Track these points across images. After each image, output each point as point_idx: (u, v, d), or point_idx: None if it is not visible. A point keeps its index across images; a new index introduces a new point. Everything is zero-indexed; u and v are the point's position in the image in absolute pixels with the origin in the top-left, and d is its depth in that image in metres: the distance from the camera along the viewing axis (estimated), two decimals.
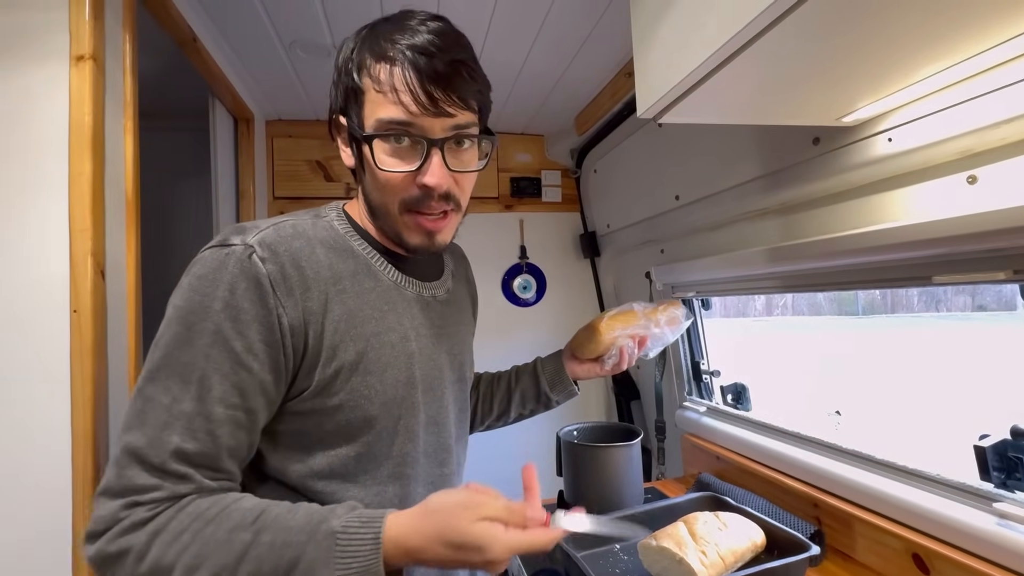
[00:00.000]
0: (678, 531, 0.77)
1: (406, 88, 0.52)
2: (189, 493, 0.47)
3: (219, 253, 0.50)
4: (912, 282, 0.76)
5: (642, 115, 0.70)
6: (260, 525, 0.46)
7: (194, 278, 0.49)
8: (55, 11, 0.68)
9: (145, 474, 0.46)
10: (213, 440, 0.48)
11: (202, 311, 0.48)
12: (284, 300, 0.50)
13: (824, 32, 0.49)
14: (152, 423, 0.46)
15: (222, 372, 0.48)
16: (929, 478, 0.76)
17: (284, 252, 0.52)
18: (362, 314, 0.56)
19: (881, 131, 0.73)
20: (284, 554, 0.44)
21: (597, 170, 1.70)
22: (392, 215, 0.57)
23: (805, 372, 6.20)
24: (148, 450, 0.46)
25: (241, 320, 0.48)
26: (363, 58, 0.54)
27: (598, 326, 0.83)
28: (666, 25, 0.62)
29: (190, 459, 0.47)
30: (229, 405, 0.48)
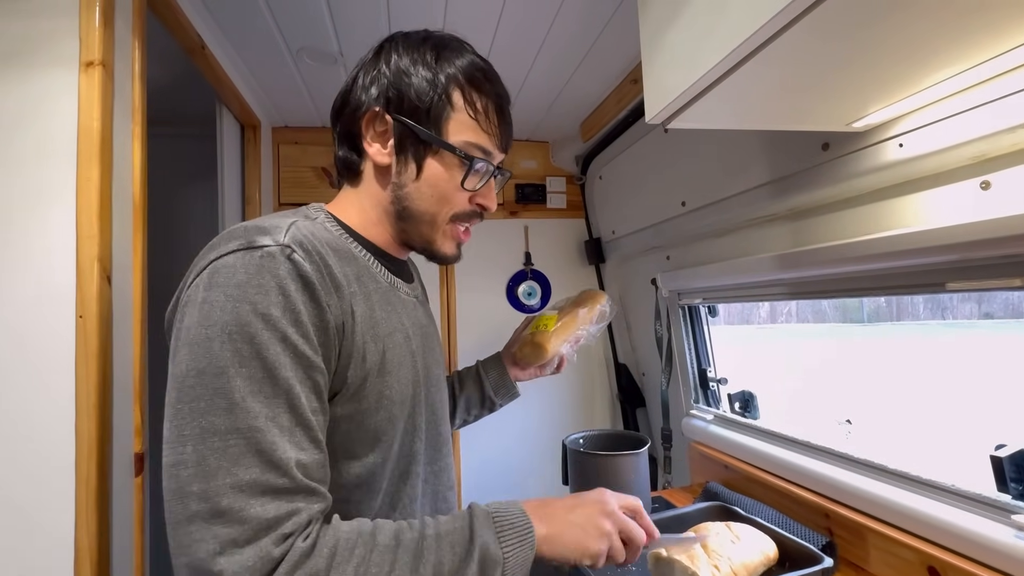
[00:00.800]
0: (689, 543, 0.76)
1: (494, 123, 0.61)
2: (323, 510, 0.45)
3: (250, 256, 0.46)
4: (925, 289, 0.75)
5: (650, 120, 0.69)
6: (417, 526, 0.48)
7: (232, 288, 0.44)
8: (65, 17, 0.69)
9: (274, 504, 0.41)
10: (319, 448, 0.46)
11: (261, 320, 0.44)
12: (329, 299, 0.49)
13: (836, 36, 0.49)
14: (255, 450, 0.41)
15: (299, 379, 0.45)
16: (945, 489, 0.74)
17: (314, 252, 0.50)
18: (374, 315, 0.56)
19: (892, 136, 0.73)
20: (454, 540, 0.47)
21: (602, 176, 1.70)
22: (437, 224, 0.61)
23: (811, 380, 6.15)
24: (266, 476, 0.41)
25: (302, 323, 0.46)
26: (454, 77, 0.59)
27: (545, 345, 0.87)
28: (675, 30, 0.61)
29: (310, 473, 0.44)
30: (315, 410, 0.47)
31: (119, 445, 0.71)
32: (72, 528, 0.65)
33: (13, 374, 0.66)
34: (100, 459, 0.67)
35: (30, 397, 0.66)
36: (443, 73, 0.58)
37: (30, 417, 0.65)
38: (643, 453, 1.02)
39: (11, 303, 0.66)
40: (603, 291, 0.99)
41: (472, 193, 0.61)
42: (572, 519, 0.53)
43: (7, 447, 0.65)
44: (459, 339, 1.76)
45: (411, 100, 0.58)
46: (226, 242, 0.48)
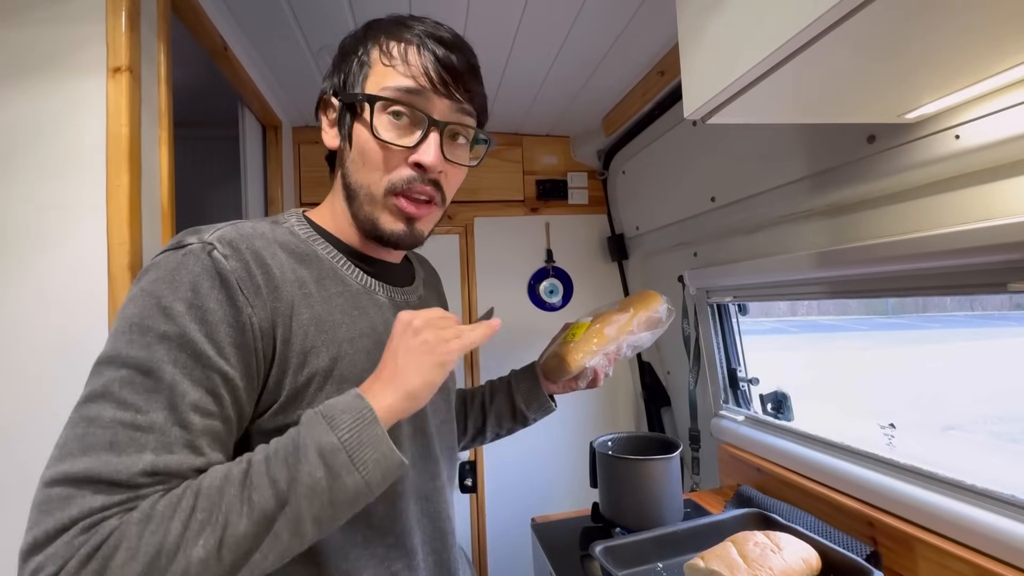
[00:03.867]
0: (728, 553, 0.73)
1: (419, 64, 0.53)
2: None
3: (175, 255, 0.45)
4: (982, 289, 0.71)
5: (689, 116, 0.66)
6: (246, 457, 0.43)
7: (148, 283, 0.43)
8: (92, 24, 0.68)
9: (103, 495, 0.37)
10: (194, 452, 0.41)
11: (162, 314, 0.42)
12: (252, 299, 0.46)
13: (896, 25, 0.46)
14: (109, 441, 0.38)
15: (193, 377, 0.42)
16: (1003, 500, 0.70)
17: (246, 250, 0.47)
18: (332, 319, 0.52)
19: (947, 128, 0.69)
20: (285, 453, 0.42)
21: (626, 171, 1.66)
22: (374, 197, 0.54)
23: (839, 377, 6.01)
24: (103, 468, 0.37)
25: (208, 321, 0.43)
26: (376, 37, 0.55)
27: (565, 358, 0.77)
28: (718, 21, 0.58)
29: (169, 475, 0.40)
30: (205, 413, 0.42)
31: None
32: None
33: (47, 382, 0.66)
34: None
35: (64, 405, 0.66)
36: (366, 38, 0.56)
37: (63, 425, 0.65)
38: (675, 457, 1.00)
39: (45, 311, 0.66)
40: (658, 294, 0.85)
41: (407, 151, 0.53)
42: (400, 363, 0.47)
43: (39, 454, 0.65)
44: None
45: (342, 75, 0.56)
46: (169, 244, 0.48)
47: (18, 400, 0.65)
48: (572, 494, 1.74)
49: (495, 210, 1.78)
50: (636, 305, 0.83)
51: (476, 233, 1.77)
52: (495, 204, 1.78)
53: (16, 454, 0.64)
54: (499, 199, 1.78)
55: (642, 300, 0.84)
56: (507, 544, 1.71)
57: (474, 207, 1.76)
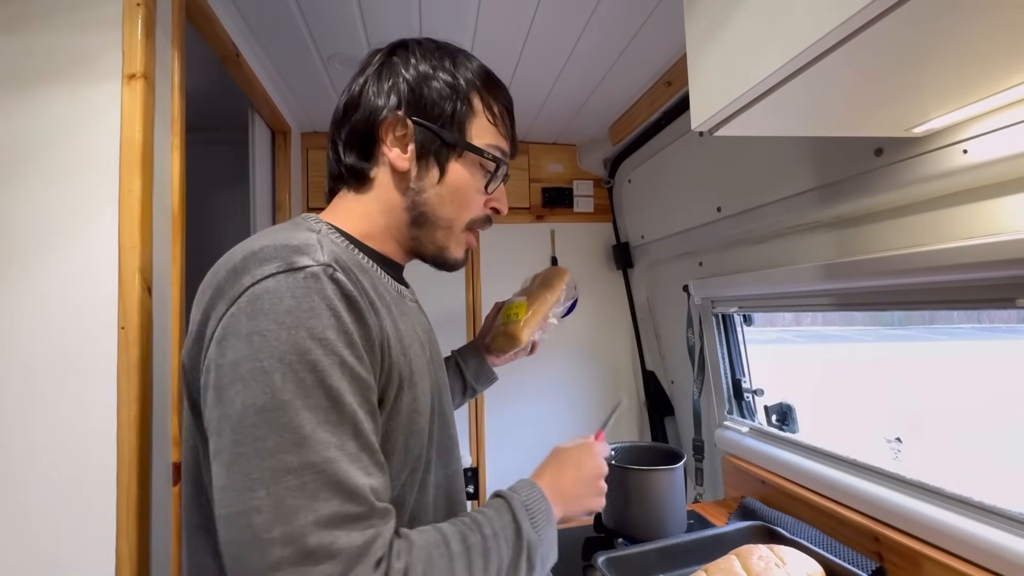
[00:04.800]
0: (733, 567, 0.73)
1: (509, 130, 0.64)
2: (393, 528, 0.44)
3: (294, 279, 0.43)
4: (990, 304, 0.71)
5: (696, 128, 0.66)
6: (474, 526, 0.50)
7: (282, 314, 0.41)
8: (109, 31, 0.69)
9: (358, 530, 0.40)
10: (383, 471, 0.45)
11: (320, 347, 0.41)
12: (369, 317, 0.47)
13: (906, 41, 0.46)
14: (332, 482, 0.39)
15: (359, 403, 0.44)
16: (1011, 517, 0.70)
17: (349, 269, 0.49)
18: (397, 327, 0.54)
19: (955, 142, 0.69)
20: (508, 535, 0.50)
21: (632, 180, 1.66)
22: (454, 229, 0.61)
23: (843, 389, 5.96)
24: (347, 507, 0.40)
25: (354, 343, 0.44)
26: (472, 83, 0.60)
27: (518, 335, 0.89)
28: (726, 34, 0.59)
29: (380, 495, 0.43)
30: (374, 432, 0.46)
31: (158, 454, 0.72)
32: (113, 537, 0.65)
33: (57, 384, 0.66)
34: (140, 468, 0.67)
35: (73, 407, 0.66)
36: (462, 78, 0.59)
37: (73, 427, 0.66)
38: (679, 468, 0.99)
39: (55, 314, 0.67)
40: (564, 267, 1.02)
41: (487, 198, 0.63)
42: (580, 493, 0.61)
43: (50, 456, 0.65)
44: None
45: (433, 104, 0.57)
46: (258, 265, 0.44)
47: (27, 403, 0.65)
48: None
49: (501, 217, 1.78)
50: (555, 280, 0.98)
51: (482, 240, 1.78)
52: None
53: (24, 456, 0.65)
54: None
55: (557, 275, 1.00)
56: None
57: None
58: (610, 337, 1.85)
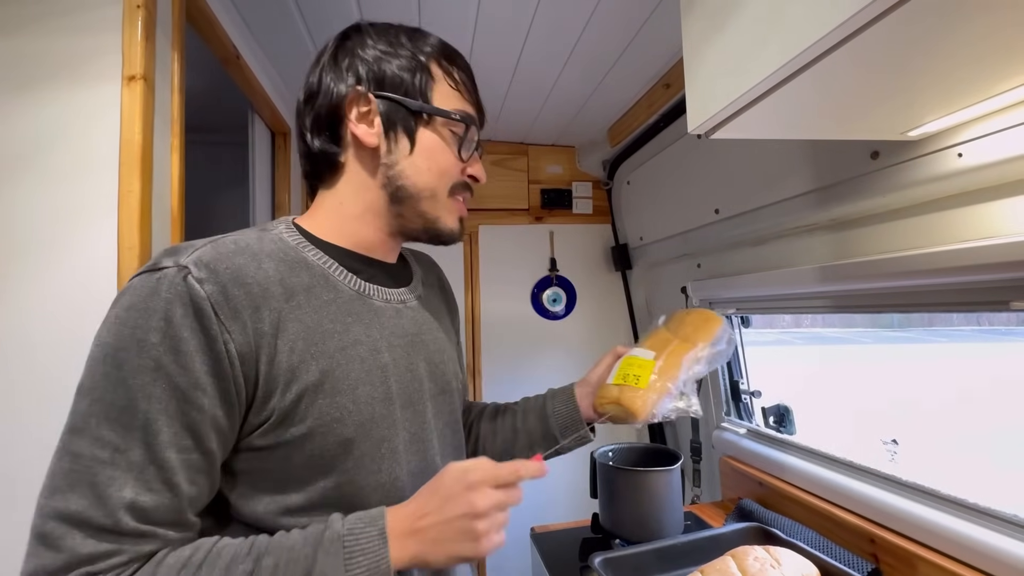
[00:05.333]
0: (728, 568, 0.73)
1: (473, 92, 0.62)
2: (154, 552, 0.42)
3: (149, 279, 0.44)
4: (984, 307, 0.71)
5: (693, 131, 0.67)
6: (257, 552, 0.43)
7: (122, 309, 0.43)
8: (109, 33, 0.70)
9: (92, 540, 0.39)
10: (172, 491, 0.42)
11: (136, 346, 0.42)
12: (229, 324, 0.45)
13: (903, 45, 0.46)
14: (90, 481, 0.40)
15: (168, 413, 0.42)
16: (1006, 519, 0.70)
17: (225, 270, 0.46)
18: (322, 329, 0.51)
19: (950, 145, 0.69)
20: (293, 572, 0.42)
21: (630, 182, 1.67)
22: (438, 197, 0.59)
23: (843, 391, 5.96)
24: (91, 512, 0.39)
25: (182, 351, 0.43)
26: (427, 52, 0.59)
27: (635, 410, 0.66)
28: (723, 38, 0.59)
29: (148, 516, 0.41)
30: (182, 448, 0.43)
31: None
32: None
33: (57, 385, 0.66)
34: None
35: None
36: (420, 50, 0.59)
37: None
38: (675, 470, 1.00)
39: (55, 315, 0.67)
40: (718, 316, 0.75)
41: (463, 164, 0.61)
42: (441, 535, 0.47)
43: (47, 459, 0.65)
44: (483, 345, 1.75)
45: (394, 76, 0.57)
46: (144, 265, 0.47)
47: (28, 403, 0.65)
48: (572, 504, 1.74)
49: (500, 218, 1.79)
50: (699, 333, 0.73)
51: (480, 241, 1.78)
52: (500, 212, 1.79)
53: (26, 458, 0.65)
54: (504, 207, 1.79)
55: (704, 326, 0.73)
56: (506, 553, 1.70)
57: (479, 215, 1.77)
58: (608, 339, 1.85)
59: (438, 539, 0.47)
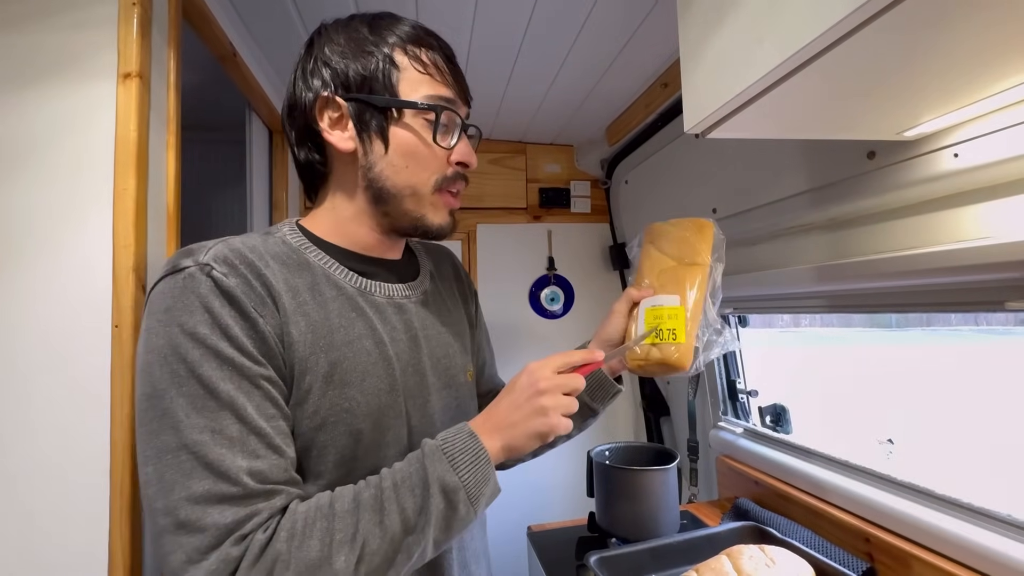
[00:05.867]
0: (722, 566, 0.73)
1: (448, 71, 0.58)
2: (287, 504, 0.45)
3: (176, 280, 0.47)
4: (979, 307, 0.71)
5: (689, 131, 0.67)
6: (373, 482, 0.48)
7: (162, 312, 0.46)
8: (104, 30, 0.69)
9: (231, 509, 0.42)
10: (278, 452, 0.46)
11: (191, 340, 0.44)
12: (261, 311, 0.48)
13: (899, 44, 0.46)
14: (203, 464, 0.43)
15: (244, 390, 0.45)
16: (1000, 519, 0.70)
17: (242, 265, 0.49)
18: (329, 323, 0.53)
19: (946, 146, 0.69)
20: (412, 484, 0.47)
21: (628, 181, 1.67)
22: (422, 195, 0.58)
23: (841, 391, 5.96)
24: (219, 486, 0.42)
25: (233, 336, 0.46)
26: (391, 42, 0.56)
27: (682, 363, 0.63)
28: (719, 37, 0.59)
29: (267, 476, 0.45)
30: (270, 417, 0.46)
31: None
32: (106, 536, 0.65)
33: (50, 383, 0.66)
34: (134, 468, 0.67)
35: (67, 406, 0.67)
36: (381, 41, 0.56)
37: (66, 427, 0.66)
38: (672, 468, 1.00)
39: (49, 313, 0.67)
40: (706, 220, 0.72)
41: (448, 152, 0.58)
42: (515, 418, 0.52)
43: (43, 455, 0.65)
44: None
45: (357, 74, 0.55)
46: (161, 271, 0.49)
47: (21, 401, 0.65)
48: (570, 503, 1.74)
49: (498, 217, 1.79)
50: (701, 248, 0.68)
51: (479, 239, 1.78)
52: (498, 211, 1.79)
53: (17, 455, 0.65)
54: (502, 206, 1.79)
55: (702, 236, 0.70)
56: (504, 552, 1.70)
57: (477, 214, 1.77)
58: None
59: (516, 423, 0.52)
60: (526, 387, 0.53)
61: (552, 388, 0.53)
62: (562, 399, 0.53)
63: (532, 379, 0.53)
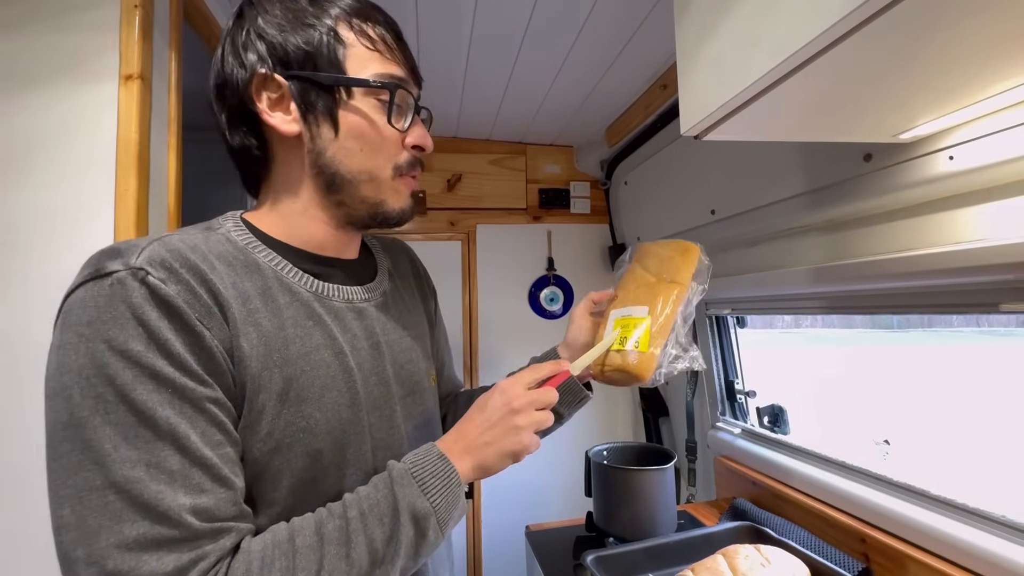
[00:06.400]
0: (718, 565, 0.74)
1: (396, 48, 0.53)
2: (237, 543, 0.40)
3: (99, 287, 0.39)
4: (975, 309, 0.72)
5: (686, 133, 0.67)
6: (338, 511, 0.44)
7: (82, 326, 0.38)
8: (106, 32, 0.70)
9: (172, 555, 0.36)
10: (225, 484, 0.40)
11: (120, 358, 0.37)
12: (208, 323, 0.41)
13: (896, 47, 0.47)
14: (136, 504, 0.36)
15: (186, 415, 0.39)
16: (994, 520, 0.70)
17: (183, 269, 0.42)
18: (283, 334, 0.47)
19: (941, 148, 0.69)
20: (380, 512, 0.44)
21: (628, 182, 1.67)
22: (380, 180, 0.53)
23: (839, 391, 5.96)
24: (155, 530, 0.36)
25: (173, 353, 0.39)
26: (340, 11, 0.51)
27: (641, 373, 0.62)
28: (716, 40, 0.59)
29: (213, 514, 0.39)
30: (215, 444, 0.40)
31: None
32: None
33: None
34: None
35: None
36: (323, 12, 0.50)
37: None
38: (669, 468, 1.00)
39: (51, 314, 0.67)
40: (692, 244, 0.72)
41: (403, 135, 0.53)
42: (488, 438, 0.51)
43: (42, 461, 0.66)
44: (480, 345, 1.76)
45: (298, 49, 0.49)
46: (79, 272, 0.41)
47: (24, 402, 0.66)
48: (568, 502, 1.75)
49: (498, 217, 1.79)
50: (683, 270, 0.69)
51: (478, 240, 1.78)
52: (498, 212, 1.79)
53: (22, 456, 0.65)
54: (502, 207, 1.80)
55: (685, 259, 0.70)
56: (502, 551, 1.71)
57: (477, 214, 1.77)
58: None
59: (489, 443, 0.50)
60: (500, 407, 0.52)
61: (525, 406, 0.52)
62: (535, 415, 0.52)
63: (506, 398, 0.52)
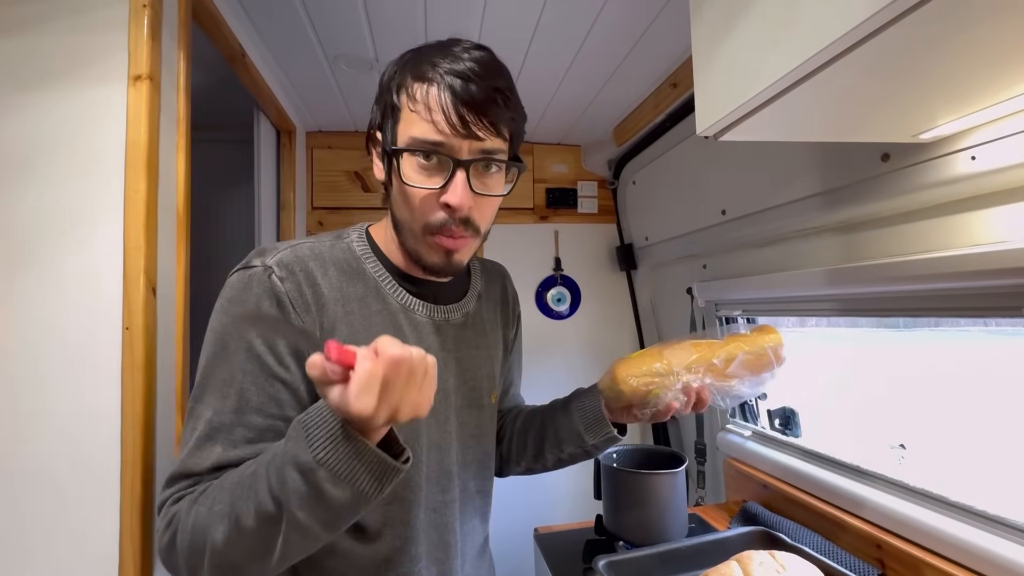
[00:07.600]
0: (732, 572, 0.73)
1: (439, 108, 0.53)
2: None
3: (243, 276, 0.54)
4: (996, 312, 0.70)
5: (701, 133, 0.66)
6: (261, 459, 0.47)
7: (224, 301, 0.54)
8: (115, 33, 0.70)
9: (186, 482, 0.50)
10: (255, 449, 0.51)
11: (234, 330, 0.52)
12: (303, 316, 0.54)
13: (914, 50, 0.45)
14: (197, 439, 0.50)
15: (257, 384, 0.51)
16: (1014, 527, 0.69)
17: (300, 271, 0.55)
18: (365, 335, 0.56)
19: (963, 148, 0.68)
20: (275, 461, 0.45)
21: (636, 181, 1.66)
22: (414, 232, 0.58)
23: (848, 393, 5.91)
24: (192, 464, 0.50)
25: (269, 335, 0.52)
26: (404, 78, 0.56)
27: (618, 383, 0.66)
28: (734, 39, 0.58)
29: (233, 466, 0.49)
30: (267, 415, 0.51)
31: (161, 454, 0.72)
32: (117, 536, 0.66)
33: (62, 384, 0.67)
34: (144, 468, 0.68)
35: (78, 407, 0.67)
36: (396, 78, 0.56)
37: (77, 426, 0.67)
38: (680, 472, 0.99)
39: (60, 315, 0.67)
40: (774, 330, 0.72)
41: (438, 193, 0.55)
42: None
43: (55, 455, 0.66)
44: None
45: (377, 114, 0.59)
46: (240, 263, 0.56)
47: (32, 402, 0.66)
48: (576, 505, 1.74)
49: (504, 217, 1.78)
50: (739, 337, 0.69)
51: None
52: (504, 211, 1.78)
53: (28, 456, 0.65)
54: (509, 206, 1.79)
55: (751, 336, 0.71)
56: (510, 553, 1.70)
57: None
58: (613, 339, 1.85)
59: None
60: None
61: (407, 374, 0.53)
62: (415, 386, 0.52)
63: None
